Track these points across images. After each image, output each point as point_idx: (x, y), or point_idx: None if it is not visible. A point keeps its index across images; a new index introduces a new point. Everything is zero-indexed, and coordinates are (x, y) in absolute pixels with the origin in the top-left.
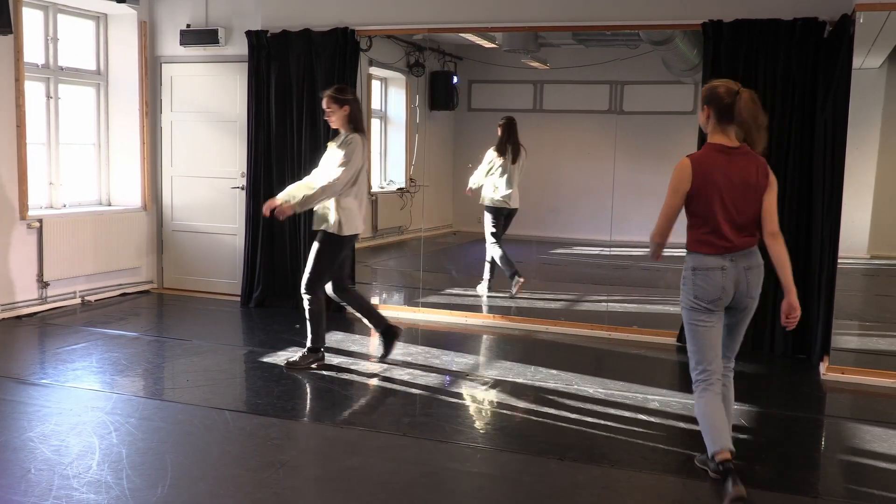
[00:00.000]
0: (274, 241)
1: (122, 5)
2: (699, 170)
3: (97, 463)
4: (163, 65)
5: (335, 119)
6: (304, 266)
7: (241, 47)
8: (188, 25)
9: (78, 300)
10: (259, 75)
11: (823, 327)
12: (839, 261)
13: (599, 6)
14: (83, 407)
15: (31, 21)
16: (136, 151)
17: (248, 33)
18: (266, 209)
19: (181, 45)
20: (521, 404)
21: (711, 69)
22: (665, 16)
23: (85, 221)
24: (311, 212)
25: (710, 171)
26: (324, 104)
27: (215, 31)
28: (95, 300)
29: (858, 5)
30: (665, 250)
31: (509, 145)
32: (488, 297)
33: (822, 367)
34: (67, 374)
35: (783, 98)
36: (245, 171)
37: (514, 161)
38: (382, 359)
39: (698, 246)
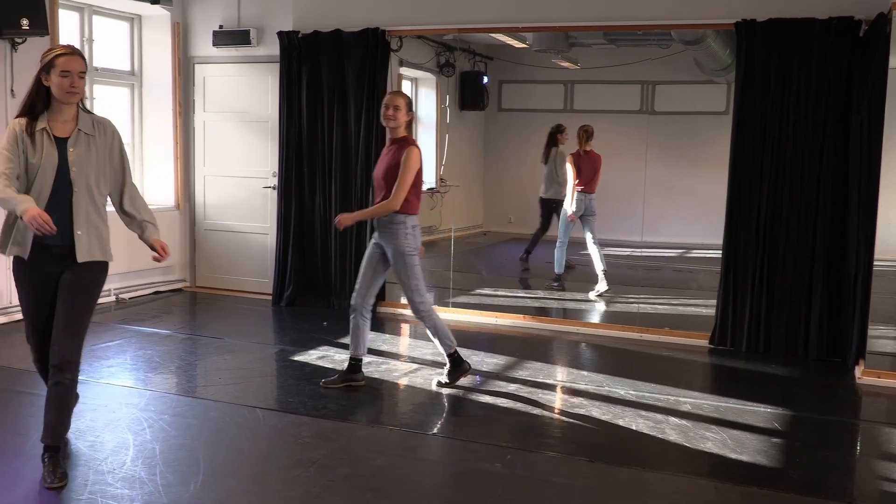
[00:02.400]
0: (304, 240)
1: (156, 7)
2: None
3: (131, 459)
4: (196, 65)
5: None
6: (335, 265)
7: (272, 48)
8: (220, 26)
9: (112, 298)
10: (290, 76)
11: (859, 330)
12: (875, 263)
13: (631, 6)
14: (117, 403)
15: (66, 22)
16: (170, 151)
17: (280, 34)
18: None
19: (214, 45)
20: (551, 405)
21: (744, 69)
22: (697, 15)
23: (118, 220)
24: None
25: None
26: (79, 67)
27: (247, 32)
28: (129, 298)
29: (895, 4)
30: (695, 252)
31: (544, 150)
32: (519, 297)
33: (858, 370)
34: (102, 371)
35: (817, 98)
36: (276, 171)
37: (545, 162)
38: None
39: (415, 209)
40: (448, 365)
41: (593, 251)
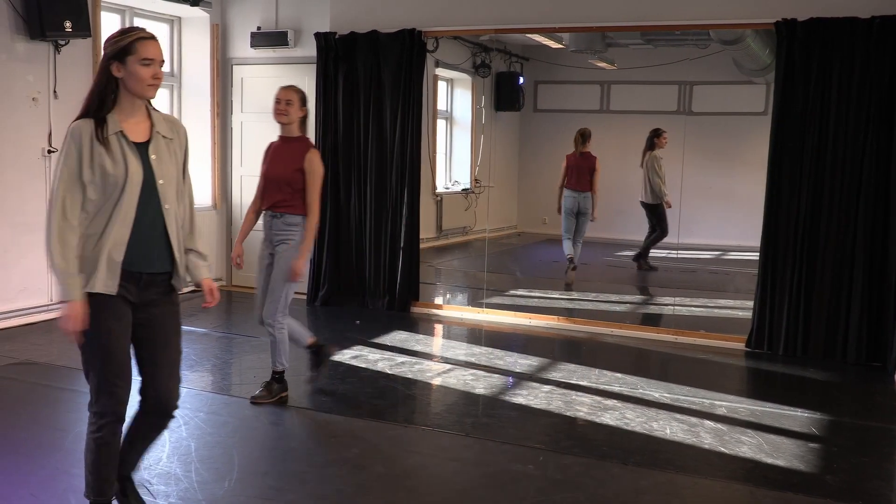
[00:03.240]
0: (339, 240)
1: (196, 8)
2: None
3: (167, 455)
4: (234, 66)
5: None
6: (369, 265)
7: (309, 49)
8: (258, 28)
9: None
10: (327, 76)
11: None
12: None
13: (669, 5)
14: None
15: (108, 24)
16: (208, 151)
17: (317, 35)
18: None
19: (252, 46)
20: (585, 407)
21: (784, 69)
22: (736, 15)
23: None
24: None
25: None
26: (161, 55)
27: (285, 34)
28: None
29: None
30: (732, 254)
31: (643, 153)
32: (553, 298)
33: None
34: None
35: (859, 99)
36: None
37: (642, 166)
38: None
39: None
40: (269, 380)
41: (576, 245)
